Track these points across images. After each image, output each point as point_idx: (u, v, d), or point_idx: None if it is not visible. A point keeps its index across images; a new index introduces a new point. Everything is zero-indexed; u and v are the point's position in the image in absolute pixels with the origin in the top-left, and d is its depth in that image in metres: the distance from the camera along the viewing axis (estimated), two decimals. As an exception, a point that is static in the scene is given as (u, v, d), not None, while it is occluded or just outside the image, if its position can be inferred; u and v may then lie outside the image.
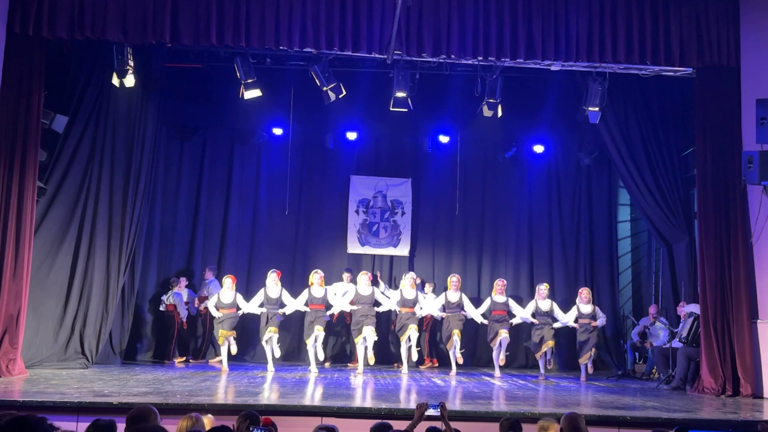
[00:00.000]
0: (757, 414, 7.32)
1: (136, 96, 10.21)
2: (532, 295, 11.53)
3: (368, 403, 7.02)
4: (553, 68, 9.67)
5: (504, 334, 10.20)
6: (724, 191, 9.21)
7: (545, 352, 10.27)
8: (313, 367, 9.99)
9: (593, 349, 10.23)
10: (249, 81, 9.88)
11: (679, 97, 10.79)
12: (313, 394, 7.75)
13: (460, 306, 10.42)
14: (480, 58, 9.28)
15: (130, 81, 9.68)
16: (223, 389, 8.03)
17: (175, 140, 12.14)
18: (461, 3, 9.02)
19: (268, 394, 7.63)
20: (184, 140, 12.17)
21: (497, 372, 10.33)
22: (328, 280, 11.18)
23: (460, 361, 10.38)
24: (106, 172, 10.04)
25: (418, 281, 11.12)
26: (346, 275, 11.46)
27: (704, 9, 9.22)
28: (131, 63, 9.61)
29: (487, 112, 10.47)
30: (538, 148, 12.39)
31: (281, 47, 9.12)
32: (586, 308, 10.35)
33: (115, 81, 9.69)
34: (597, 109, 10.07)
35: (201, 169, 12.23)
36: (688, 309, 9.91)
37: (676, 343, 10.06)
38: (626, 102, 10.59)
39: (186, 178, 12.19)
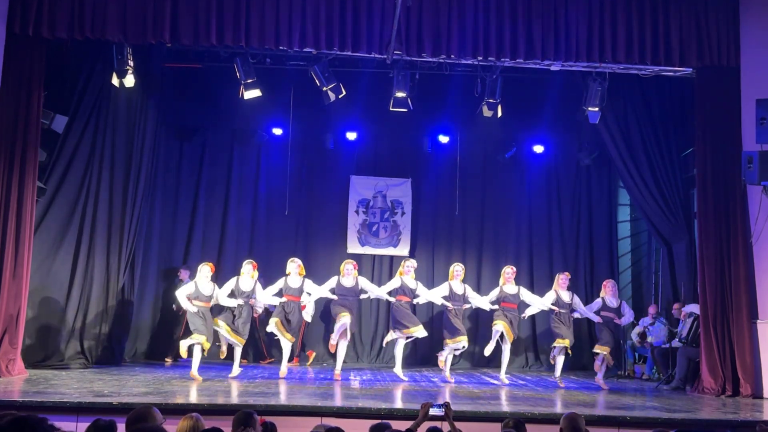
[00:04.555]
0: (757, 414, 7.32)
1: (136, 96, 10.20)
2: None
3: (368, 403, 7.01)
4: (553, 68, 9.68)
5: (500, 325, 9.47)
6: (724, 191, 9.22)
7: (555, 350, 9.57)
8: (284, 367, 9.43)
9: (606, 350, 9.34)
10: (249, 81, 9.88)
11: (679, 97, 10.80)
12: (313, 394, 7.75)
13: (465, 298, 9.66)
14: (480, 58, 9.29)
15: (129, 81, 9.67)
16: (223, 389, 8.02)
17: (175, 140, 12.14)
18: (461, 3, 9.02)
19: (268, 394, 7.63)
20: (184, 140, 12.17)
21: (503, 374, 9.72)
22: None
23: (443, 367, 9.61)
24: (106, 172, 10.04)
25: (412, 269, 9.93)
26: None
27: (704, 9, 9.23)
28: (131, 63, 9.61)
29: (486, 112, 10.47)
30: (538, 149, 12.39)
31: (281, 47, 9.12)
32: (613, 301, 9.57)
33: (115, 81, 9.69)
34: (597, 109, 10.07)
35: (200, 169, 12.23)
36: (688, 309, 9.92)
37: (676, 343, 10.07)
38: (626, 102, 10.59)
39: (186, 178, 12.19)
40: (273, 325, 9.29)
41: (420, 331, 9.51)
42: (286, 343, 9.37)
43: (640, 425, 6.53)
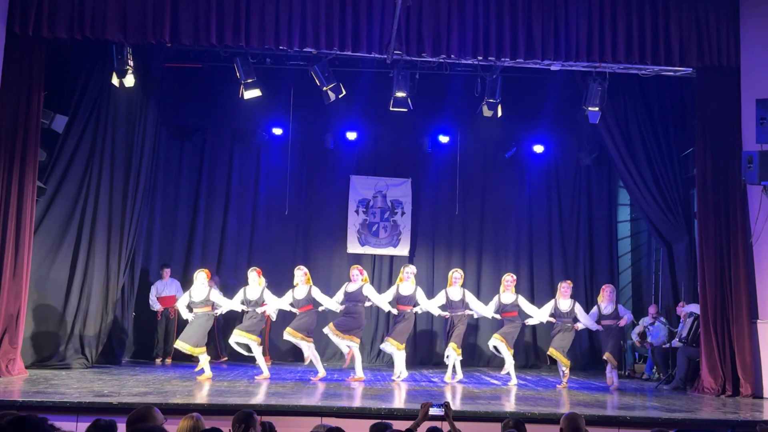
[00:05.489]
0: (757, 414, 7.32)
1: (136, 96, 10.20)
2: (531, 296, 11.53)
3: (368, 403, 7.01)
4: (553, 68, 9.68)
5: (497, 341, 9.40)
6: (724, 191, 9.22)
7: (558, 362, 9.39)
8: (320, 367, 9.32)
9: (608, 354, 9.23)
10: (249, 81, 9.88)
11: (679, 97, 10.81)
12: (313, 394, 7.75)
13: (464, 304, 9.53)
14: (480, 58, 9.28)
15: (129, 81, 9.67)
16: (224, 389, 8.02)
17: (175, 140, 12.15)
18: (461, 3, 9.02)
19: (268, 394, 7.63)
20: (184, 140, 12.18)
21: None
22: (328, 281, 11.18)
23: (453, 377, 9.47)
24: (106, 172, 10.03)
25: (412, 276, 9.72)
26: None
27: (704, 9, 9.22)
28: (131, 63, 9.60)
29: (486, 112, 10.46)
30: (538, 148, 12.40)
31: (281, 47, 9.12)
32: (608, 307, 9.45)
33: (115, 81, 9.68)
34: (597, 109, 10.06)
35: (201, 168, 12.24)
36: (688, 309, 9.92)
37: (676, 343, 10.07)
38: (626, 102, 10.59)
39: (186, 178, 12.20)
40: (288, 335, 9.24)
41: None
42: (307, 346, 9.25)
43: (640, 425, 6.53)
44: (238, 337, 9.15)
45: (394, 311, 9.49)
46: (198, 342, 9.03)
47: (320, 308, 9.40)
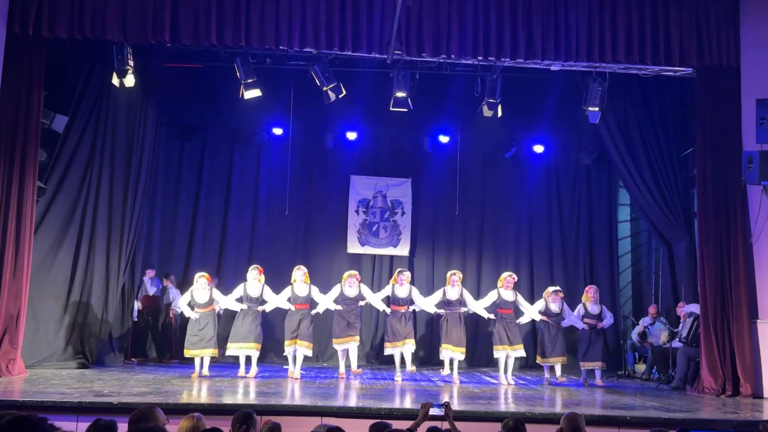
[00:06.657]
0: (757, 414, 7.33)
1: (136, 96, 10.21)
2: (531, 296, 11.52)
3: (368, 403, 7.02)
4: (553, 68, 9.68)
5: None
6: (724, 191, 9.22)
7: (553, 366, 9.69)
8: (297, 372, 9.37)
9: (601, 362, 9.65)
10: (249, 81, 9.88)
11: (679, 97, 10.80)
12: (314, 394, 7.75)
13: (461, 303, 9.57)
14: (480, 58, 9.29)
15: (130, 81, 9.67)
16: (223, 389, 8.02)
17: (175, 140, 12.15)
18: (461, 3, 9.03)
19: (268, 394, 7.63)
20: (184, 140, 12.18)
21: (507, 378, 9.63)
22: (328, 281, 11.17)
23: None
24: (106, 172, 10.04)
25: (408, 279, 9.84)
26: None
27: (704, 9, 9.23)
28: (131, 63, 9.61)
29: (487, 112, 10.47)
30: (538, 148, 12.40)
31: (281, 47, 9.13)
32: (595, 308, 9.78)
33: (115, 81, 9.69)
34: (597, 109, 10.06)
35: (201, 169, 12.25)
36: (688, 309, 9.92)
37: (676, 343, 10.07)
38: (626, 102, 10.59)
39: (186, 178, 12.20)
40: (304, 348, 9.35)
41: (404, 347, 9.46)
42: (304, 350, 9.36)
43: (640, 425, 6.53)
44: (238, 350, 9.29)
45: (388, 310, 9.60)
46: (210, 344, 9.20)
47: (314, 311, 9.48)
